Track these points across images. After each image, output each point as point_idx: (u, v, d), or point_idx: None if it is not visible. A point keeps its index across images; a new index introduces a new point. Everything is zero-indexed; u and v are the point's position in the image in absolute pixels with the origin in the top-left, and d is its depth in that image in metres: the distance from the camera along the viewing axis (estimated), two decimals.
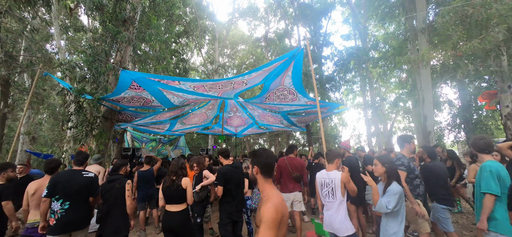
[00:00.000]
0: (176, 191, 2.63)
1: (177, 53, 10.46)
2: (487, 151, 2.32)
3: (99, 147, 4.87)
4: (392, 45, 12.29)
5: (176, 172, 2.70)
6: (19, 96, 10.49)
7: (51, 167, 2.87)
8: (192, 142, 18.23)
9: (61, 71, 4.84)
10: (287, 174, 3.83)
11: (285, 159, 3.92)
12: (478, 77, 9.16)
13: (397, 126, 19.08)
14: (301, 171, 3.83)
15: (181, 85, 3.98)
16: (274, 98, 5.11)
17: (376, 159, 2.48)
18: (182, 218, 2.62)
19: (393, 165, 2.41)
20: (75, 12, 8.69)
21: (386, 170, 2.35)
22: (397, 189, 2.26)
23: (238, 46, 22.33)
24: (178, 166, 2.73)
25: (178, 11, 9.93)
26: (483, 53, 4.84)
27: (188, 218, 2.72)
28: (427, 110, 7.16)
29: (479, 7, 4.14)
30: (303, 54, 3.49)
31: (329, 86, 11.32)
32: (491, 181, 2.13)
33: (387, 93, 18.22)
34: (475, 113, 9.81)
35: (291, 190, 3.79)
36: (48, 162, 2.92)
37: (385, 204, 2.18)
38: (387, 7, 11.61)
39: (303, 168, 3.86)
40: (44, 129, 15.19)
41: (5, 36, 7.37)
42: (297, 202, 3.75)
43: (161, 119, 7.08)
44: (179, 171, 2.71)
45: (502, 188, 2.12)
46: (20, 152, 10.94)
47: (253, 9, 19.48)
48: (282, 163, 3.92)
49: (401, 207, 2.27)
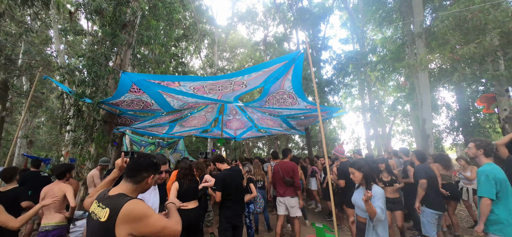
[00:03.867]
0: (193, 188, 2.92)
1: (176, 57, 10.48)
2: (491, 154, 2.33)
3: (98, 151, 4.84)
4: (390, 49, 12.41)
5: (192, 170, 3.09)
6: (18, 100, 10.44)
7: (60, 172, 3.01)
8: (191, 145, 18.16)
9: (60, 75, 4.82)
10: (279, 179, 3.83)
11: (278, 164, 3.94)
12: (476, 80, 9.26)
13: (396, 129, 19.16)
14: (293, 175, 3.79)
15: (181, 86, 3.96)
16: (274, 102, 5.11)
17: (350, 166, 2.45)
18: (198, 214, 2.96)
19: (368, 168, 2.39)
20: (75, 16, 8.71)
21: (363, 175, 2.34)
22: (380, 190, 2.25)
23: (237, 49, 22.44)
24: (188, 167, 3.06)
25: (177, 15, 9.98)
26: (480, 57, 4.90)
27: (202, 213, 3.06)
28: (425, 113, 7.20)
29: (477, 13, 4.21)
30: (303, 58, 3.50)
31: (328, 89, 11.38)
32: (486, 185, 2.15)
33: (386, 96, 18.32)
34: (473, 116, 9.89)
35: (282, 194, 3.79)
36: (58, 167, 3.07)
37: (380, 212, 2.14)
38: (385, 12, 11.74)
39: (295, 172, 3.81)
40: (42, 132, 15.09)
41: (5, 39, 7.36)
42: (292, 207, 3.74)
43: (160, 121, 7.06)
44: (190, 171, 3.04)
45: (502, 189, 2.12)
46: (17, 155, 10.84)
47: (252, 13, 19.64)
48: (275, 168, 3.94)
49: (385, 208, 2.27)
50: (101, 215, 1.13)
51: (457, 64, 5.41)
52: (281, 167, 3.85)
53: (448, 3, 8.10)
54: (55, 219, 2.78)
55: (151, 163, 1.32)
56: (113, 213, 1.10)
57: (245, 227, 3.69)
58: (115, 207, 1.11)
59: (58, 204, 2.79)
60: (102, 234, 1.11)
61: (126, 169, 1.30)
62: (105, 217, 1.11)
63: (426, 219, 3.12)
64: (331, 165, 4.75)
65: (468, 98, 10.18)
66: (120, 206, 1.11)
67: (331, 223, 4.92)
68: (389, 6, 11.45)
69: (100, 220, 1.12)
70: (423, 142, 7.15)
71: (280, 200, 3.81)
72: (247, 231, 3.86)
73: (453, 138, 10.98)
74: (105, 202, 1.18)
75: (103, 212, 1.13)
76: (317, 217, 5.64)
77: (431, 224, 3.07)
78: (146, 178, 1.30)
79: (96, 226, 1.14)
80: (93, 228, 1.16)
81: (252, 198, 3.70)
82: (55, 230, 2.74)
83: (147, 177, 1.31)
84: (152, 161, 1.34)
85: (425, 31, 7.39)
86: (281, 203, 3.80)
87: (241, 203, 3.19)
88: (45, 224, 2.75)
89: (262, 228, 4.82)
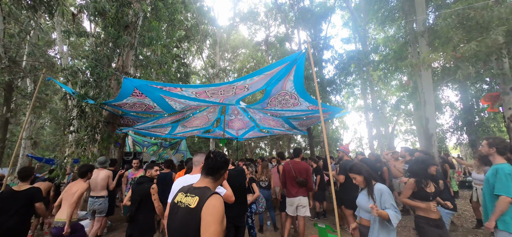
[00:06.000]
0: None
1: (178, 58, 10.52)
2: (505, 153, 2.29)
3: (102, 151, 4.87)
4: (392, 48, 12.32)
5: None
6: (22, 101, 10.55)
7: (83, 171, 3.19)
8: (193, 146, 18.21)
9: (63, 76, 4.86)
10: (291, 179, 3.78)
11: (289, 163, 3.88)
12: (480, 79, 9.15)
13: (399, 128, 19.03)
14: (306, 176, 3.75)
15: (183, 92, 3.97)
16: (276, 103, 5.09)
17: (350, 172, 2.43)
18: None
19: (366, 168, 2.36)
20: (78, 18, 8.78)
21: (364, 177, 2.32)
22: (382, 187, 2.20)
23: (239, 50, 22.45)
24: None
25: (179, 16, 10.01)
26: (484, 55, 4.84)
27: None
28: (429, 113, 7.12)
29: (480, 10, 4.15)
30: (305, 58, 3.48)
31: (330, 89, 11.34)
32: (509, 183, 2.10)
33: (388, 96, 18.20)
34: (477, 115, 9.77)
35: (294, 194, 3.73)
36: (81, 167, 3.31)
37: (394, 211, 2.03)
38: (387, 11, 11.66)
39: (308, 173, 3.77)
40: (46, 133, 15.24)
41: (9, 41, 7.44)
42: (302, 207, 3.69)
43: (162, 122, 7.09)
44: None
45: None
46: (21, 156, 10.95)
47: (253, 13, 19.64)
48: (286, 167, 3.88)
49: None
50: (191, 202, 1.33)
51: (460, 62, 5.35)
52: (294, 166, 3.78)
53: (451, 0, 8.02)
54: (65, 215, 2.85)
55: (226, 161, 1.54)
56: (201, 201, 1.31)
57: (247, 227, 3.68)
58: (203, 197, 1.32)
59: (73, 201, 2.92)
60: (190, 219, 1.30)
61: (207, 168, 1.49)
62: (195, 204, 1.31)
63: None
64: (336, 164, 4.72)
65: (472, 97, 10.07)
66: (207, 197, 1.31)
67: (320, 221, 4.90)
68: (392, 5, 11.37)
69: (190, 207, 1.32)
70: (426, 141, 7.07)
71: (292, 200, 3.73)
72: (249, 231, 3.86)
73: (457, 137, 10.87)
74: (194, 191, 1.39)
75: (192, 200, 1.34)
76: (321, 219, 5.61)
77: None
78: (223, 174, 1.54)
79: (185, 212, 1.33)
80: (181, 214, 1.34)
81: (255, 198, 3.69)
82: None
83: (224, 173, 1.54)
84: (226, 159, 1.55)
85: (428, 30, 7.32)
86: (292, 203, 3.74)
87: (244, 203, 3.18)
88: (58, 220, 2.85)
89: (266, 227, 4.82)
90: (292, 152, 4.14)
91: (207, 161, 1.50)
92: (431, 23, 8.17)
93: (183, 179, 2.11)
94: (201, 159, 2.12)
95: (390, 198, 2.12)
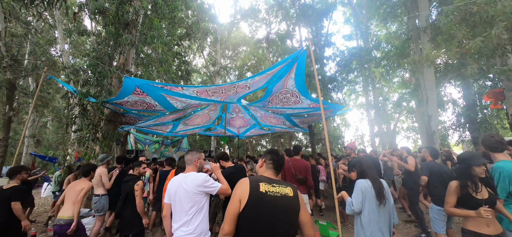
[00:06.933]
0: None
1: (179, 56, 10.50)
2: (500, 149, 2.17)
3: (103, 149, 4.90)
4: (394, 44, 12.22)
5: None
6: (24, 100, 10.62)
7: (86, 170, 3.27)
8: (194, 144, 18.26)
9: (65, 75, 4.87)
10: (290, 176, 3.79)
11: (289, 161, 3.90)
12: (483, 76, 9.06)
13: (401, 125, 18.95)
14: (305, 173, 3.75)
15: (184, 91, 3.97)
16: (277, 101, 5.07)
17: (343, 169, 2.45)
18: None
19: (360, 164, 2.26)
20: (78, 16, 8.77)
21: (357, 172, 2.27)
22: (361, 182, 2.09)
23: (240, 47, 22.38)
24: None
25: (180, 14, 9.97)
26: (488, 51, 4.78)
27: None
28: (431, 110, 7.08)
29: (483, 5, 4.10)
30: (306, 55, 3.46)
31: (331, 86, 11.28)
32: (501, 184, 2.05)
33: (390, 93, 18.11)
34: (480, 112, 9.69)
35: None
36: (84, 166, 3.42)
37: (351, 201, 2.07)
38: (389, 7, 11.54)
39: (307, 170, 3.77)
40: (49, 132, 15.35)
41: (10, 40, 7.46)
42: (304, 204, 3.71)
43: (164, 120, 7.10)
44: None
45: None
46: (25, 154, 11.04)
47: (254, 10, 19.53)
48: (286, 165, 3.89)
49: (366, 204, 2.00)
50: (287, 192, 1.42)
51: (465, 59, 5.29)
52: (293, 164, 3.79)
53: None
54: (67, 213, 2.87)
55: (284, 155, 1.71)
56: (295, 190, 1.45)
57: None
58: (292, 187, 1.47)
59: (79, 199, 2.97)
60: (293, 206, 1.40)
61: (279, 165, 1.60)
62: (292, 193, 1.42)
63: (434, 216, 3.06)
64: (337, 162, 4.71)
65: (475, 94, 9.98)
66: (294, 187, 1.48)
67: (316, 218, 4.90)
68: (394, 1, 11.24)
69: (289, 195, 1.41)
70: (428, 138, 7.04)
71: None
72: None
73: (459, 134, 10.79)
74: (281, 183, 1.47)
75: (286, 189, 1.43)
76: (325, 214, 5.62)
77: (439, 221, 3.00)
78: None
79: (285, 201, 1.39)
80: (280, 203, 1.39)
81: None
82: (67, 224, 2.81)
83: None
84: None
85: (430, 26, 7.24)
86: None
87: None
88: (60, 217, 2.85)
89: None
90: (292, 150, 4.13)
91: (279, 159, 1.61)
92: (434, 19, 8.08)
93: (178, 178, 1.96)
94: (193, 157, 2.05)
95: (355, 192, 2.07)
